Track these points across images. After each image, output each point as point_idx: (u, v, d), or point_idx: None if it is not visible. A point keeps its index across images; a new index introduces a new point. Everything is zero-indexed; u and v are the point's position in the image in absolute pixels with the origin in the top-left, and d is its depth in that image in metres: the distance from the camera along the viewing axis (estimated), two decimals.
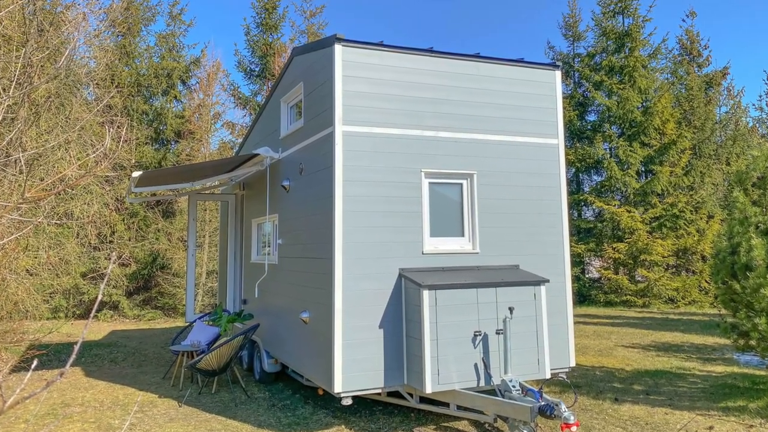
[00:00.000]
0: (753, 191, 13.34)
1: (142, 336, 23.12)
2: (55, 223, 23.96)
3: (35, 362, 3.26)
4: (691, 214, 33.81)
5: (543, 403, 9.25)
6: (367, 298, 10.61)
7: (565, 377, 12.03)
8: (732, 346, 14.75)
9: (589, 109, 38.46)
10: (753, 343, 12.73)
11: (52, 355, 18.19)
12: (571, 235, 34.29)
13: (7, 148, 15.25)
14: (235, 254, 17.90)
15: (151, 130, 33.02)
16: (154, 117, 33.59)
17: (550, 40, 56.29)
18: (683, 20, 52.88)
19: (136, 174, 13.86)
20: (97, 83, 26.50)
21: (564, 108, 34.79)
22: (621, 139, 34.94)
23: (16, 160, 15.00)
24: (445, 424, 11.30)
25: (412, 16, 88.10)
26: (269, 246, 15.19)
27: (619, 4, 36.85)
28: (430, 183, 11.41)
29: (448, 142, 11.53)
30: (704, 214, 34.32)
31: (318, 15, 37.61)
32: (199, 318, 16.81)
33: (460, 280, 10.51)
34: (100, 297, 2.99)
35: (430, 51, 11.69)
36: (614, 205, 33.95)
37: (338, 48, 10.92)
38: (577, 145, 36.52)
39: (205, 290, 30.16)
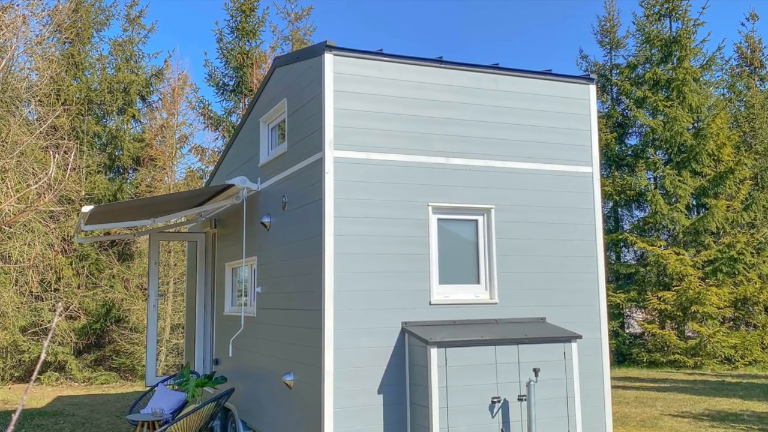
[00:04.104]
0: None
1: (93, 403, 23.04)
2: None
3: None
4: (752, 256, 33.70)
5: None
6: (364, 357, 10.61)
7: None
8: None
9: (630, 130, 38.63)
10: None
11: None
12: (609, 281, 34.25)
13: None
14: (205, 305, 17.88)
15: (105, 155, 33.12)
16: (108, 140, 33.71)
17: (583, 47, 56.66)
18: (742, 24, 53.41)
19: (86, 209, 13.86)
20: (39, 100, 26.65)
21: (600, 130, 34.83)
22: (668, 166, 35.01)
23: None
24: None
25: (416, 19, 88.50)
26: (246, 295, 15.19)
27: (666, 5, 36.93)
28: (439, 219, 11.45)
29: (461, 171, 11.59)
30: None
31: (304, 18, 37.92)
32: (162, 381, 16.77)
33: (475, 336, 10.51)
34: (43, 356, 3.03)
35: (439, 61, 11.78)
36: (660, 246, 33.93)
37: (329, 58, 11.01)
38: (616, 174, 36.60)
39: (168, 348, 30.07)
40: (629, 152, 37.64)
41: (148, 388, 17.63)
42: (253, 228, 14.24)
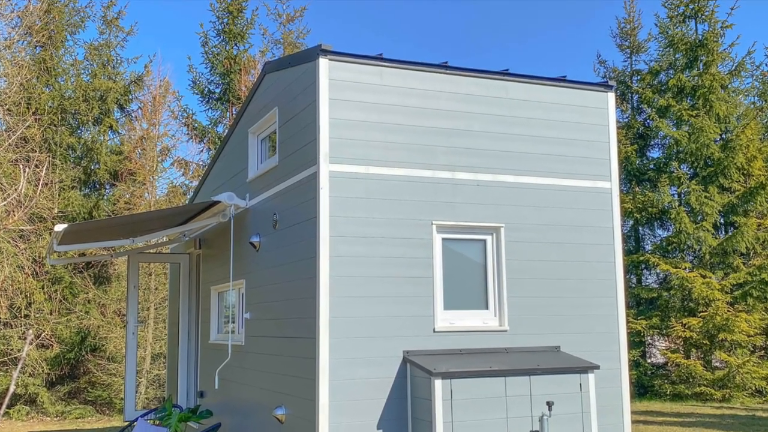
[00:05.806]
0: None
1: None
2: None
3: None
4: None
5: None
6: (362, 389, 10.58)
7: None
8: None
9: (652, 142, 38.58)
10: None
11: None
12: (629, 307, 34.12)
13: None
14: (189, 332, 17.86)
15: (80, 169, 33.06)
16: (84, 153, 33.66)
17: (601, 52, 56.18)
18: None
19: (59, 227, 13.87)
20: (8, 108, 26.65)
21: (619, 141, 34.72)
22: (693, 181, 34.90)
23: None
24: None
25: (420, 21, 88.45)
26: (233, 322, 15.17)
27: (691, 6, 36.75)
28: (444, 239, 11.44)
29: (468, 186, 11.59)
30: None
31: (297, 20, 37.89)
32: (142, 416, 16.73)
33: (484, 367, 10.49)
34: (12, 388, 3.01)
35: (445, 67, 11.80)
36: (684, 269, 33.80)
37: (324, 63, 11.02)
38: (636, 189, 36.52)
39: (149, 379, 29.99)
40: (651, 166, 37.54)
41: (126, 423, 17.60)
42: (241, 248, 14.22)
